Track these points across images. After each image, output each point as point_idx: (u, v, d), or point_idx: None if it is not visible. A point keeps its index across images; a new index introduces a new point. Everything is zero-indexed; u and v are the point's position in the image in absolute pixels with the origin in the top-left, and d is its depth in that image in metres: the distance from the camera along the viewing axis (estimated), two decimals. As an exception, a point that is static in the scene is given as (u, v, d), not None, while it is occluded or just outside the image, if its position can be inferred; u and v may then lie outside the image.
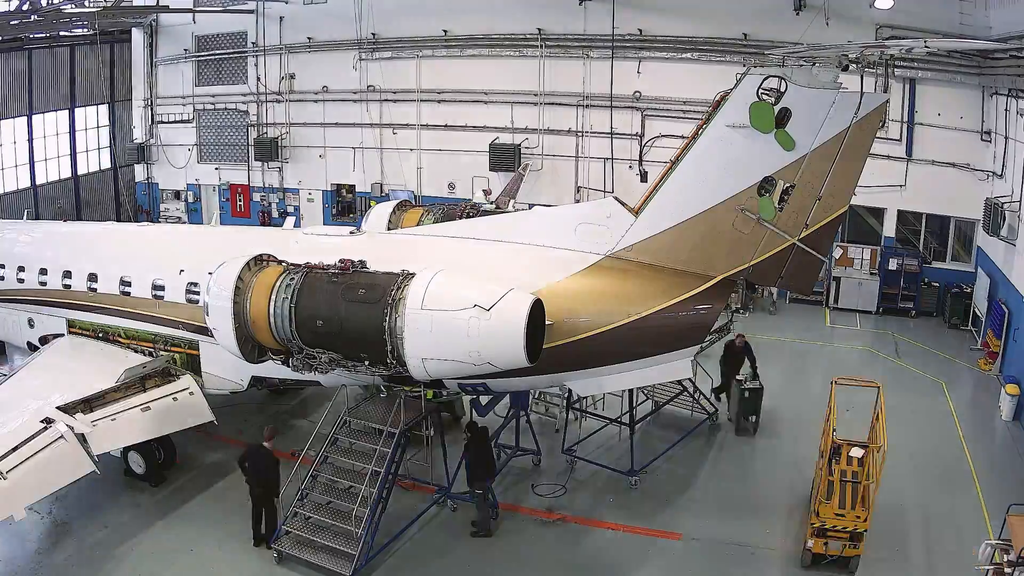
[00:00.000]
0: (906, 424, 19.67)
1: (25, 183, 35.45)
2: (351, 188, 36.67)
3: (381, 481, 13.89)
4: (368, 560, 13.85)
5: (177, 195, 40.30)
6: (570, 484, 16.94)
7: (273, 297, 13.26)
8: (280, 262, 14.01)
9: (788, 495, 16.54)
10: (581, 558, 14.66)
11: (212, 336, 14.30)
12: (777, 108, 11.99)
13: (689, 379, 15.94)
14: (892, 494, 16.45)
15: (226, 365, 16.16)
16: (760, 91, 12.02)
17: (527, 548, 14.86)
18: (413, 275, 12.68)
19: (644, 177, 30.81)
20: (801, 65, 11.76)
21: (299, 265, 13.70)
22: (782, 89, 11.96)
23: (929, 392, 21.76)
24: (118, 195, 40.16)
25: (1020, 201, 22.05)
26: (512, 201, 26.82)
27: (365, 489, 13.78)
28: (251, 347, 13.81)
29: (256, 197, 38.52)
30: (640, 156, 31.20)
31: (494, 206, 23.34)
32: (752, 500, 16.45)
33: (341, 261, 13.42)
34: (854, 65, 11.72)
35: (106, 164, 39.81)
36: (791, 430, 19.55)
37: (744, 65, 28.40)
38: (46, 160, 36.43)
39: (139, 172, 40.94)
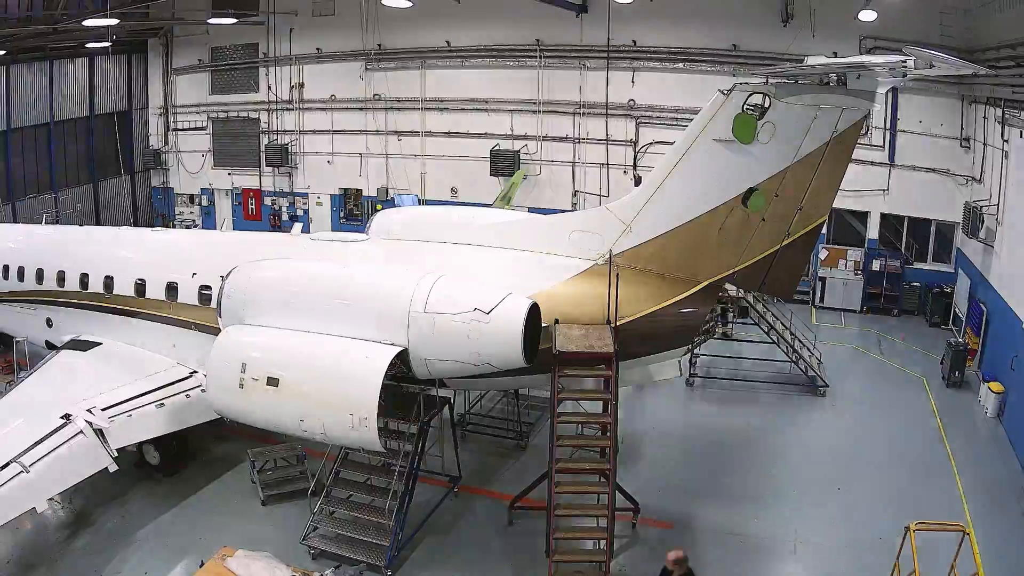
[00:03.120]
0: (889, 419, 19.70)
1: (46, 187, 35.47)
2: (358, 191, 36.67)
3: (408, 475, 13.73)
4: (399, 551, 13.76)
5: (191, 199, 40.31)
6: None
7: None
8: None
9: (779, 484, 16.52)
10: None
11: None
12: (761, 123, 12.09)
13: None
14: (879, 486, 16.47)
15: None
16: (745, 107, 12.17)
17: (527, 537, 14.78)
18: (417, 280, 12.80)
19: (638, 182, 30.74)
20: (784, 82, 11.87)
21: None
22: (766, 105, 12.07)
23: (911, 388, 21.74)
24: (135, 200, 40.19)
25: (998, 205, 22.05)
26: None
27: (395, 483, 13.61)
28: None
29: (267, 201, 38.53)
30: (634, 162, 31.21)
31: None
32: (742, 489, 16.41)
33: None
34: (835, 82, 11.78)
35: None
36: (779, 423, 19.55)
37: (734, 74, 28.66)
38: (65, 166, 36.43)
39: (155, 178, 40.95)
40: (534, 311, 12.48)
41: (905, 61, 9.67)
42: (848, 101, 11.63)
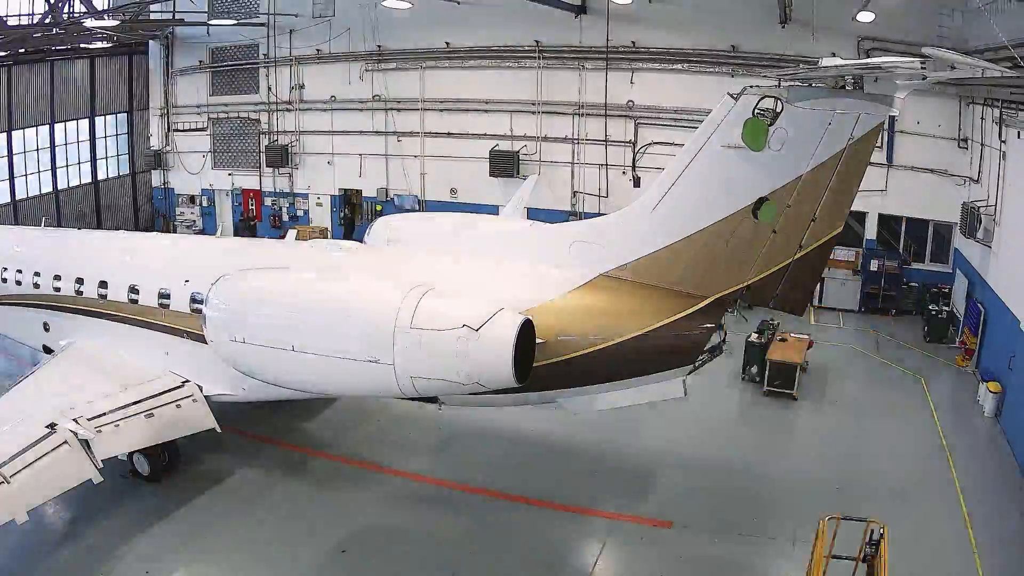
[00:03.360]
0: (887, 418, 19.68)
1: (48, 188, 35.44)
2: (358, 192, 36.64)
3: None
4: None
5: (192, 200, 40.28)
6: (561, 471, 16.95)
7: None
8: None
9: (777, 484, 16.48)
10: (572, 545, 14.55)
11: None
12: (773, 129, 11.37)
13: None
14: (877, 486, 16.44)
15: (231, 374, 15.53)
16: (756, 111, 11.43)
17: (519, 535, 14.75)
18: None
19: (637, 183, 30.78)
20: (797, 86, 11.22)
21: None
22: (778, 109, 11.39)
23: (908, 387, 21.72)
24: (136, 200, 40.18)
25: (995, 205, 22.02)
26: None
27: None
28: None
29: (267, 202, 38.50)
30: (633, 162, 31.16)
31: None
32: (741, 488, 16.36)
33: None
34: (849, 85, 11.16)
35: (124, 170, 39.86)
36: (778, 422, 19.53)
37: (732, 75, 28.57)
38: (67, 166, 36.44)
39: (156, 178, 40.93)
40: (527, 327, 11.82)
41: (925, 63, 9.08)
42: (865, 106, 10.97)
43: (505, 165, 32.21)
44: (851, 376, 22.86)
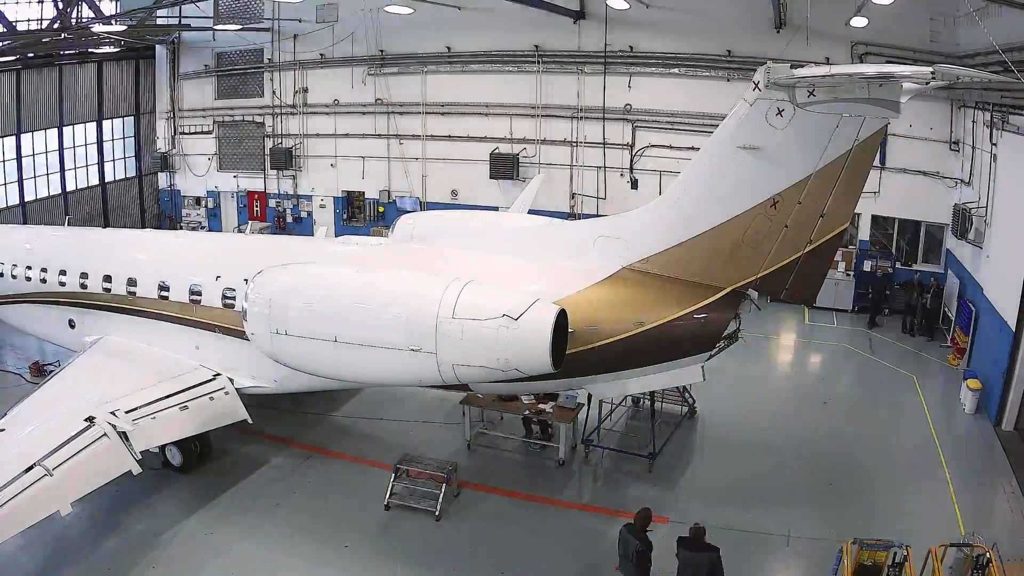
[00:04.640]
0: (880, 416, 19.69)
1: (56, 190, 35.46)
2: (361, 193, 36.68)
3: None
4: None
5: (198, 201, 40.29)
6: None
7: None
8: None
9: (772, 481, 16.49)
10: (569, 542, 14.52)
11: (248, 339, 14.32)
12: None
13: None
14: (871, 482, 16.45)
15: (262, 367, 15.84)
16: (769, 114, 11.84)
17: (516, 531, 14.76)
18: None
19: (635, 185, 30.81)
20: (805, 88, 11.52)
21: None
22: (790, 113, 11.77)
23: (902, 386, 21.72)
24: (143, 202, 40.19)
25: (986, 207, 22.03)
26: None
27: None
28: None
29: (272, 203, 38.53)
30: (631, 165, 31.16)
31: None
32: (737, 485, 16.36)
33: None
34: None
35: (132, 172, 39.89)
36: (774, 420, 19.55)
37: (728, 80, 28.51)
38: (75, 169, 36.46)
39: (162, 180, 40.95)
40: (561, 317, 12.41)
41: (934, 72, 9.46)
42: (870, 110, 11.39)
43: (505, 167, 32.23)
44: (845, 375, 22.88)
